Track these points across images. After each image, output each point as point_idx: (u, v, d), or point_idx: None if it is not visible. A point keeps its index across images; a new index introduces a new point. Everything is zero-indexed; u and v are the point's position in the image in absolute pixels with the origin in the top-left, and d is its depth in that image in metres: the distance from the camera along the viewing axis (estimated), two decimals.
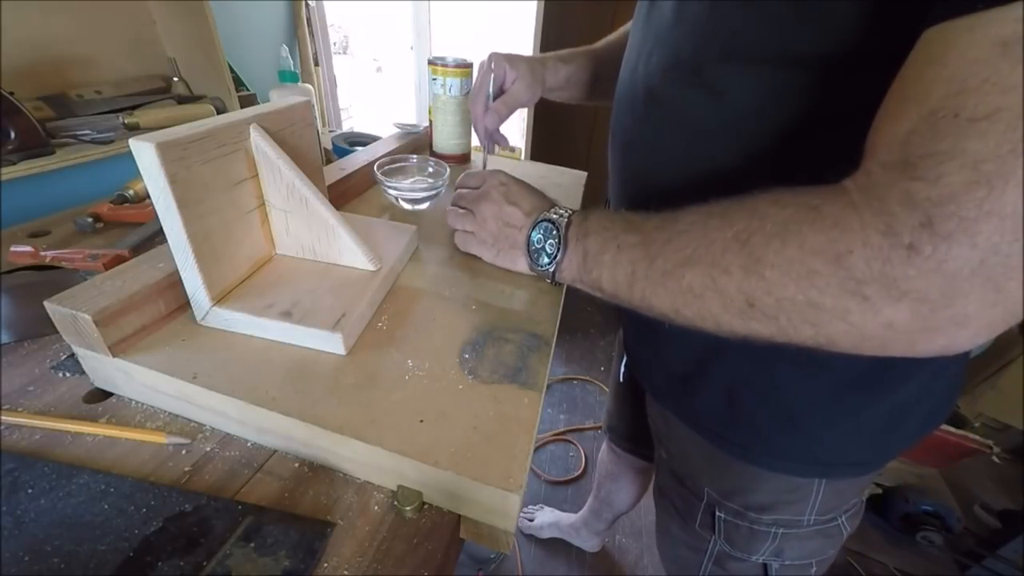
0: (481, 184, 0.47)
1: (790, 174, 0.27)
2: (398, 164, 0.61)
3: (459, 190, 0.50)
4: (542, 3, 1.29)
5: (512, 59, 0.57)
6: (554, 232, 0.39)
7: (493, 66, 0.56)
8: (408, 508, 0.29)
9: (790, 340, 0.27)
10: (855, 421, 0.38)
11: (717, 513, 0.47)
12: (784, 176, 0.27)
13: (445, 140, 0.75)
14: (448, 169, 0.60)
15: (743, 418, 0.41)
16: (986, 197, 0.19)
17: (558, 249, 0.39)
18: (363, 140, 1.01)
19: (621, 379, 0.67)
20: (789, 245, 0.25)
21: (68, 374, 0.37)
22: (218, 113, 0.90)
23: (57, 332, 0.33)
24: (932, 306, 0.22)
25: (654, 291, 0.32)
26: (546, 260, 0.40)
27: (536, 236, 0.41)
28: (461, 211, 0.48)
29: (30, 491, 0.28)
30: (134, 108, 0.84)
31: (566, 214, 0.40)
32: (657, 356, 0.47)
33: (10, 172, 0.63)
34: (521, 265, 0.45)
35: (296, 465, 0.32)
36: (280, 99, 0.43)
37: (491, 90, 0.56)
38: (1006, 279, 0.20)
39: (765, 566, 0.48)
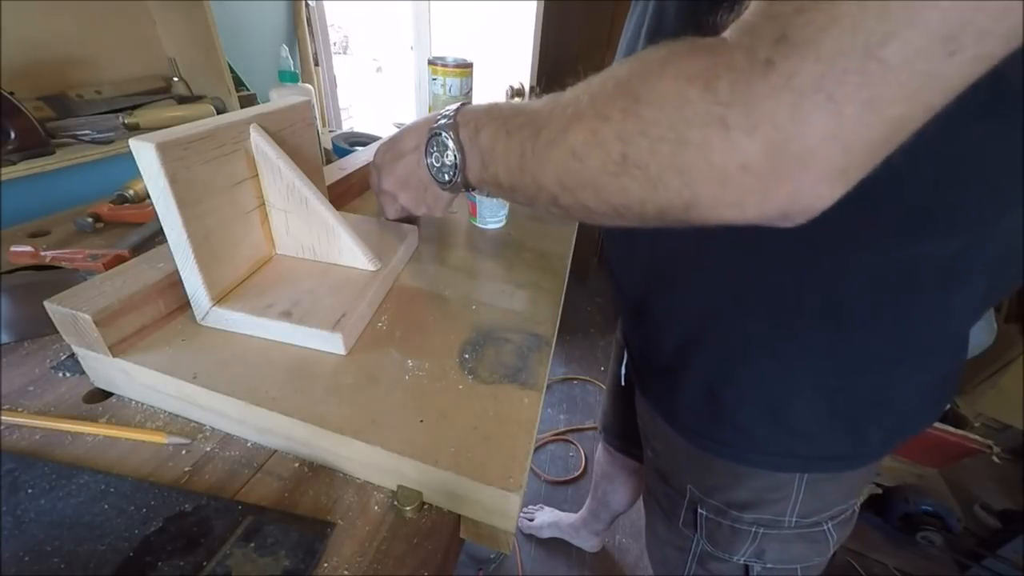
0: (374, 166, 0.47)
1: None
2: None
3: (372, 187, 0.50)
4: (542, 3, 1.29)
5: None
6: (443, 141, 0.37)
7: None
8: (408, 508, 0.29)
9: (657, 201, 0.26)
10: (832, 412, 0.38)
11: (699, 511, 0.48)
12: None
13: None
14: None
15: (725, 416, 0.41)
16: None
17: (456, 156, 0.37)
18: (363, 140, 1.01)
19: (623, 382, 0.67)
20: (665, 77, 0.24)
21: (68, 374, 0.37)
22: (218, 113, 0.90)
23: (57, 332, 0.33)
24: (783, 135, 0.21)
25: (540, 167, 0.30)
26: (447, 177, 0.38)
27: (430, 160, 0.39)
28: (387, 198, 0.48)
29: (30, 491, 0.28)
30: (134, 108, 0.84)
31: (451, 114, 0.37)
32: (646, 342, 0.47)
33: (10, 172, 0.63)
34: (444, 200, 0.45)
35: (296, 465, 0.32)
36: (280, 99, 0.43)
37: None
38: (845, 100, 0.19)
39: (747, 567, 0.48)
